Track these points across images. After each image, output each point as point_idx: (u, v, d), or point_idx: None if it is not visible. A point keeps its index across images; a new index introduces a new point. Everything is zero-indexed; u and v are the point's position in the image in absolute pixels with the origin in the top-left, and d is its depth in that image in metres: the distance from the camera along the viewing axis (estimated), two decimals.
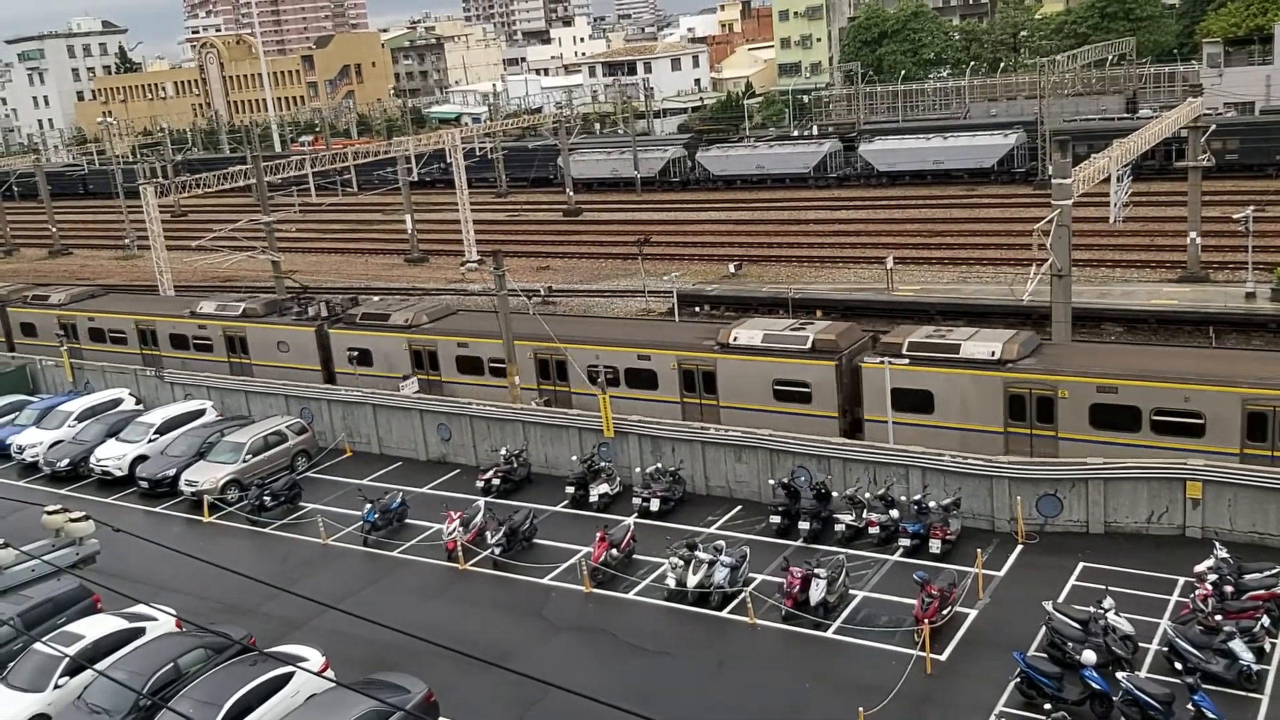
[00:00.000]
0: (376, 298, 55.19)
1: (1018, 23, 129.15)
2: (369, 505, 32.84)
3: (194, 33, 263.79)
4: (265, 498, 35.11)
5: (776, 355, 35.05)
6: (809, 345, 34.61)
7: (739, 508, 32.57)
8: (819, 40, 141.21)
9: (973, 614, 25.46)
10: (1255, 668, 21.74)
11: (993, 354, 32.04)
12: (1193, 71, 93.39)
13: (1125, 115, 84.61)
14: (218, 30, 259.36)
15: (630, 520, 31.23)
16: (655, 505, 32.21)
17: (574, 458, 34.96)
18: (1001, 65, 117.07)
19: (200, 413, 41.92)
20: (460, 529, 30.76)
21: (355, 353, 43.14)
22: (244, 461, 37.33)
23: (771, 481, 31.72)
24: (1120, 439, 29.86)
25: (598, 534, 29.21)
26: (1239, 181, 65.29)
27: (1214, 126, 55.83)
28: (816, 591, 25.61)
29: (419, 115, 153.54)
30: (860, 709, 21.84)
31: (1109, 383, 30.29)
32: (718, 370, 36.10)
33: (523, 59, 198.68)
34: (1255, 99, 79.34)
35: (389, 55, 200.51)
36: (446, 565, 30.56)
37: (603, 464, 34.35)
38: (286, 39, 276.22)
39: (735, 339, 36.01)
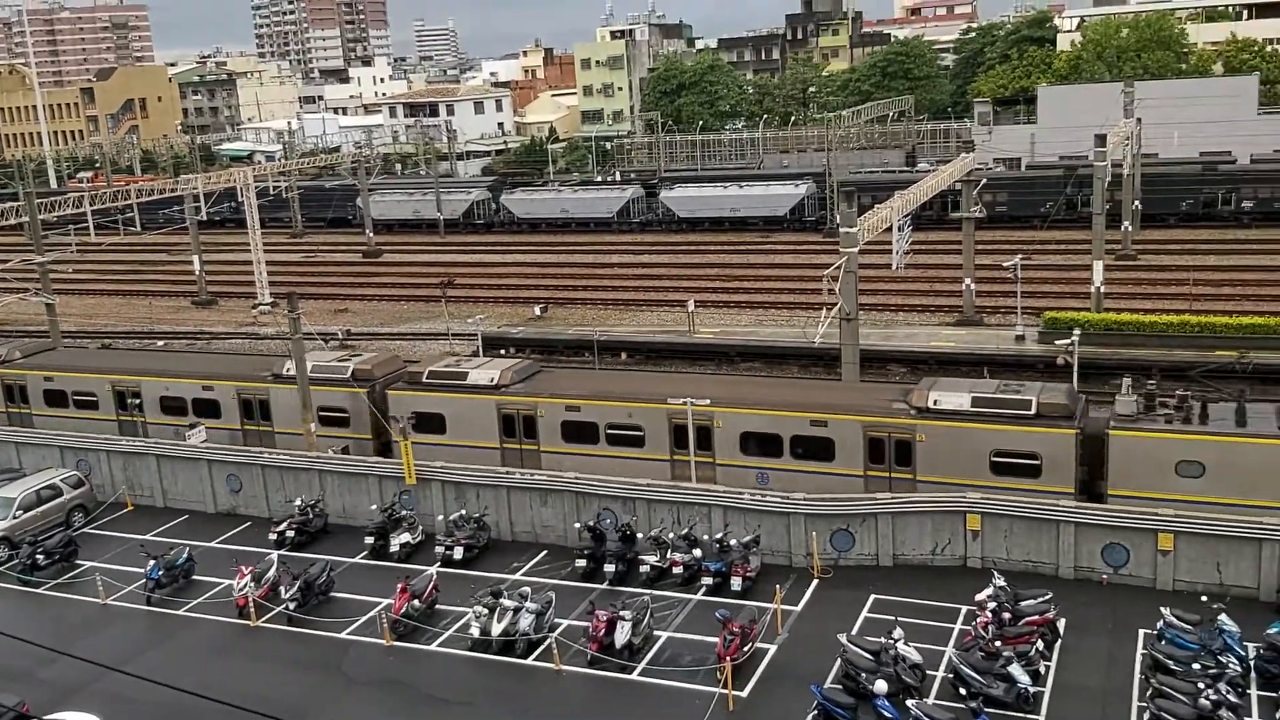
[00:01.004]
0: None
1: (806, 79, 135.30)
2: (152, 561, 31.02)
3: None
4: (38, 556, 32.74)
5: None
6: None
7: (545, 552, 32.40)
8: (620, 89, 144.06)
9: (773, 649, 26.06)
10: (1032, 690, 23.04)
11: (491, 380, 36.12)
12: (965, 129, 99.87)
13: (905, 168, 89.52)
14: None
15: (433, 569, 30.59)
16: (459, 553, 31.68)
17: (374, 506, 34.05)
18: (792, 118, 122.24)
19: None
20: (252, 584, 29.43)
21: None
22: (14, 518, 34.77)
23: (577, 525, 31.72)
24: (584, 450, 34.81)
25: (399, 584, 28.48)
26: (1008, 231, 69.90)
27: (985, 180, 59.71)
28: (622, 634, 25.68)
29: (209, 152, 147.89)
30: None
31: (574, 403, 35.15)
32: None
33: (320, 97, 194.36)
34: (1021, 155, 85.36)
35: (177, 90, 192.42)
36: (237, 623, 29.15)
37: (404, 512, 33.58)
38: (64, 70, 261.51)
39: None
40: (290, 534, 33.66)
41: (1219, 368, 42.14)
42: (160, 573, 30.84)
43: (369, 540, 32.74)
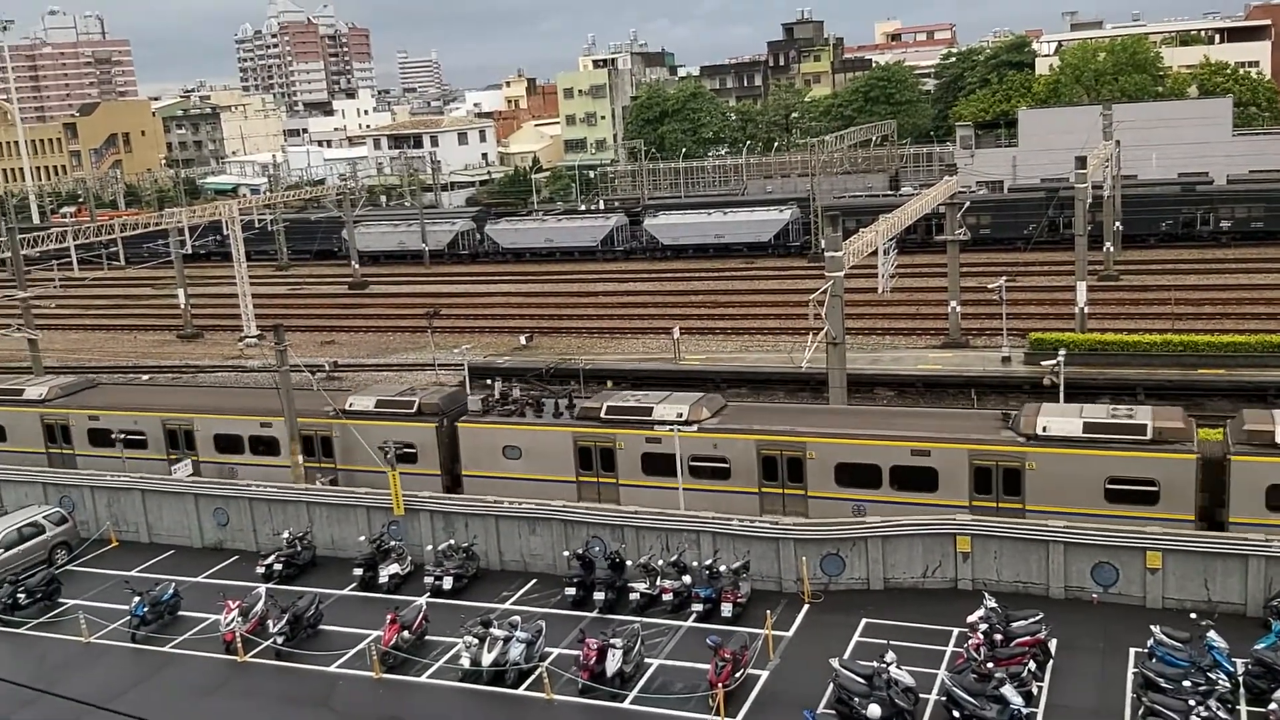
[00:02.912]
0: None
1: (789, 105, 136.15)
2: (137, 598, 30.70)
3: None
4: (19, 595, 32.35)
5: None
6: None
7: (534, 581, 32.25)
8: (603, 118, 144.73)
9: (765, 675, 25.94)
10: (1025, 711, 22.93)
11: None
12: (948, 152, 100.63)
13: (889, 192, 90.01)
14: None
15: (422, 600, 30.39)
16: (448, 583, 31.50)
17: (362, 538, 33.86)
18: (775, 144, 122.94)
19: None
20: (239, 619, 29.17)
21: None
22: None
23: (566, 553, 31.59)
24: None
25: (388, 616, 28.28)
26: (992, 254, 70.37)
27: (968, 203, 60.20)
28: (613, 662, 25.54)
29: (193, 186, 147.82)
30: None
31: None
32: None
33: (304, 130, 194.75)
34: (1003, 178, 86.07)
35: (160, 124, 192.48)
36: (225, 658, 28.87)
37: (393, 543, 33.40)
38: (47, 105, 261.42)
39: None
40: (278, 567, 33.42)
41: None
42: (145, 609, 30.53)
43: (357, 572, 32.52)
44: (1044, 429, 30.51)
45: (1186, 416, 31.00)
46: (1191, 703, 21.59)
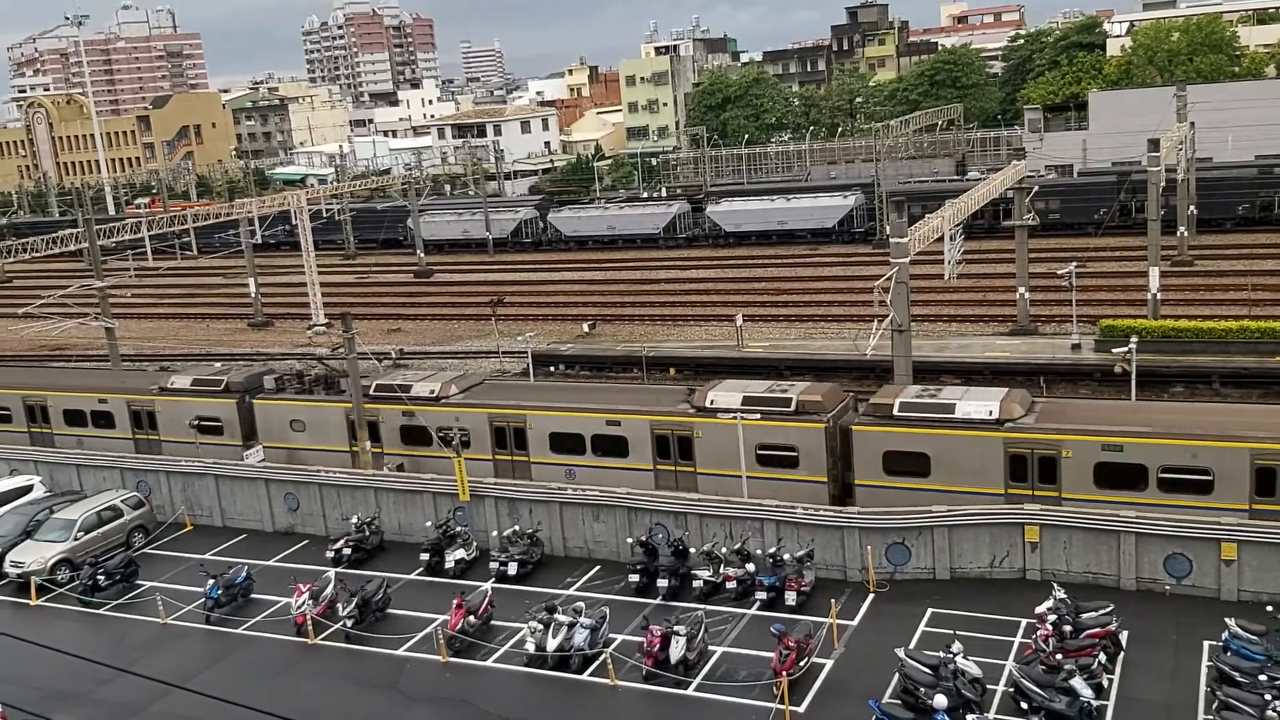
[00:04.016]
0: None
1: (853, 90, 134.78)
2: (211, 581, 31.46)
3: (20, 92, 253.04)
4: (99, 577, 33.27)
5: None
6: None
7: (598, 568, 32.42)
8: (665, 105, 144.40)
9: (829, 664, 25.85)
10: (1095, 704, 22.62)
11: None
12: (1016, 136, 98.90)
13: (955, 177, 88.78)
14: (46, 89, 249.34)
15: (488, 585, 30.74)
16: (513, 569, 31.80)
17: (428, 523, 34.29)
18: (839, 130, 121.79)
19: (27, 489, 39.63)
20: (310, 602, 29.72)
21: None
22: (75, 539, 35.41)
23: (629, 540, 31.71)
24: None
25: (454, 600, 28.63)
26: (1061, 239, 69.08)
27: (1037, 188, 59.15)
28: (676, 649, 25.61)
29: (262, 177, 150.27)
30: None
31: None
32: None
33: (370, 120, 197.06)
34: (1073, 161, 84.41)
35: (230, 116, 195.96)
36: (296, 640, 29.44)
37: (458, 529, 33.78)
38: (121, 99, 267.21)
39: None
40: (347, 551, 33.99)
41: None
42: (219, 592, 31.26)
43: (424, 557, 32.95)
44: (711, 402, 33.77)
45: (832, 391, 34.35)
46: (1268, 697, 21.11)
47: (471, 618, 28.30)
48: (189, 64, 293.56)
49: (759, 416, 32.52)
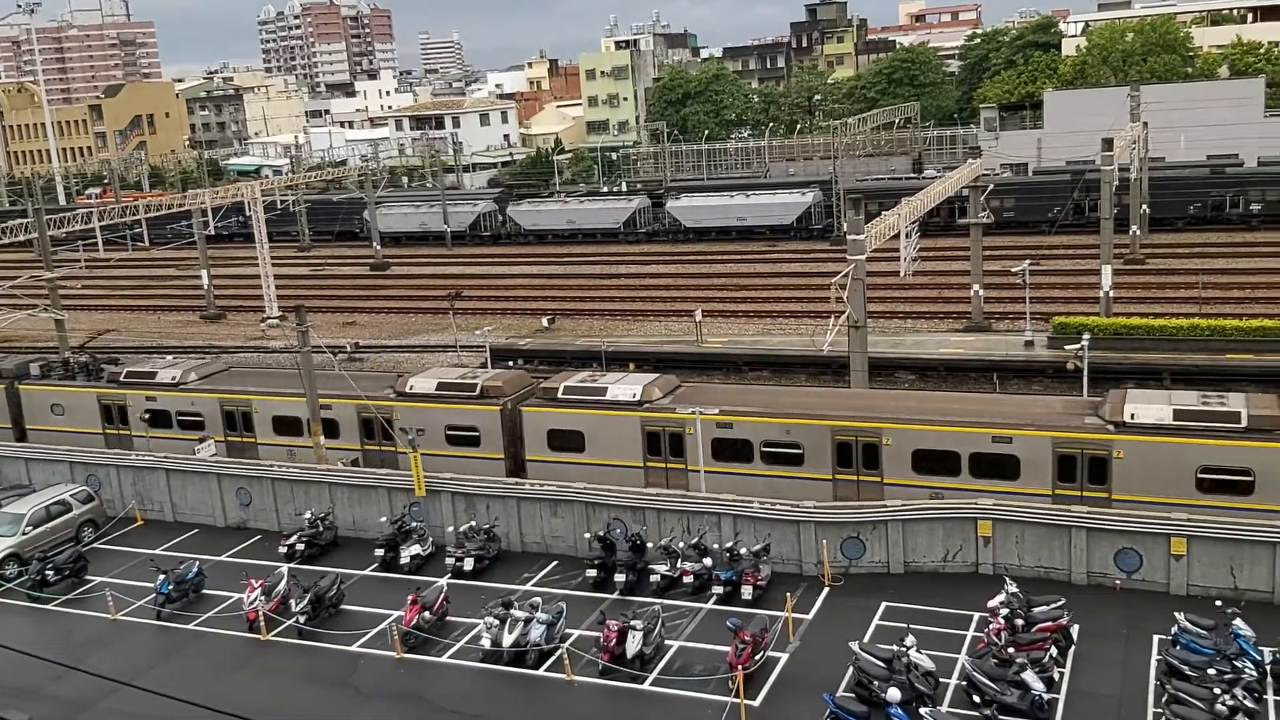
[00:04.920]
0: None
1: (812, 87, 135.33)
2: (162, 576, 31.04)
3: None
4: (47, 572, 32.71)
5: (452, 402, 36.33)
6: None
7: (555, 563, 32.35)
8: (625, 99, 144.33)
9: (784, 658, 25.96)
10: (1046, 697, 22.88)
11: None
12: (972, 134, 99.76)
13: (912, 175, 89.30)
14: None
15: (443, 581, 30.57)
16: (469, 565, 31.63)
17: (383, 519, 34.02)
18: (798, 127, 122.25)
19: None
20: (262, 598, 29.41)
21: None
22: (23, 534, 34.82)
23: (587, 535, 31.66)
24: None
25: (409, 596, 28.44)
26: (1016, 237, 69.71)
27: (992, 186, 59.71)
28: (633, 643, 25.60)
29: (216, 167, 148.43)
30: None
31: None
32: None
33: (326, 111, 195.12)
34: (1028, 160, 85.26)
35: (184, 105, 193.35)
36: (247, 637, 29.12)
37: (414, 524, 33.55)
38: (73, 88, 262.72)
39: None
40: (300, 547, 33.65)
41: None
42: (170, 587, 30.85)
43: (379, 552, 32.70)
44: (411, 388, 37.83)
45: (517, 377, 38.44)
46: (1216, 690, 21.45)
47: (427, 614, 28.13)
48: (142, 53, 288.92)
49: (443, 401, 36.96)
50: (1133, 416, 29.88)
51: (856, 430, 32.31)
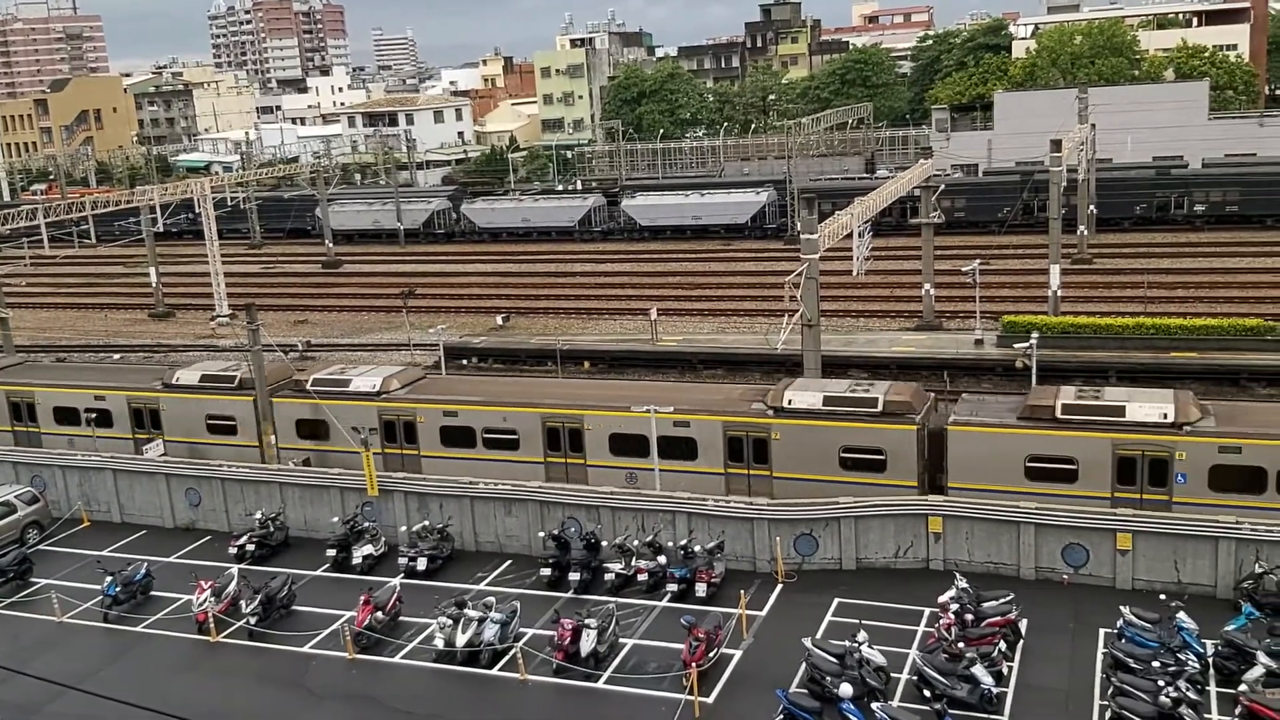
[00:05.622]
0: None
1: (766, 87, 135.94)
2: (109, 578, 30.56)
3: None
4: None
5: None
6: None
7: (509, 562, 32.25)
8: (580, 98, 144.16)
9: (738, 654, 26.07)
10: (995, 691, 23.18)
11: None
12: (924, 135, 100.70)
13: (865, 175, 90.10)
14: None
15: (396, 581, 30.37)
16: (422, 564, 31.46)
17: (335, 519, 33.74)
18: (752, 126, 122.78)
19: None
20: (212, 599, 29.05)
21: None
22: None
23: (541, 534, 31.60)
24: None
25: (362, 597, 28.22)
26: (966, 237, 70.56)
27: (943, 186, 60.33)
28: (587, 642, 25.60)
29: (165, 163, 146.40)
30: None
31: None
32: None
33: (278, 107, 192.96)
34: (979, 161, 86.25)
35: (132, 101, 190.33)
36: (197, 638, 28.76)
37: (366, 524, 33.30)
38: (18, 82, 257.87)
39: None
40: (250, 548, 33.27)
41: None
42: (118, 589, 30.38)
43: (331, 553, 32.41)
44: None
45: (278, 369, 39.91)
46: (1160, 683, 21.82)
47: (379, 614, 27.93)
48: (89, 47, 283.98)
49: (205, 393, 39.57)
50: (789, 403, 32.75)
51: (563, 417, 34.92)
